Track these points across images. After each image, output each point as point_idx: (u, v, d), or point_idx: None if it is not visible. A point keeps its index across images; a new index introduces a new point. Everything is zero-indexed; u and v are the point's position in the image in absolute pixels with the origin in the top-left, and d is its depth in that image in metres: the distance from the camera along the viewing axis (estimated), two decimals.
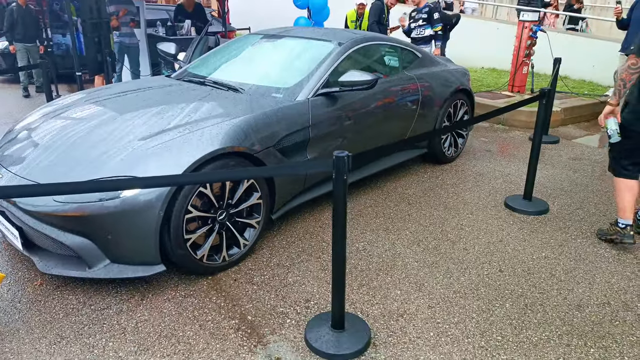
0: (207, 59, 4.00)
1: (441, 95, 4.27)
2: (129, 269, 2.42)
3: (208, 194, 2.55)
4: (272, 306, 2.45)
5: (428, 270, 2.78)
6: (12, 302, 2.42)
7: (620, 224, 3.01)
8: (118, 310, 2.38)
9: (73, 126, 2.81)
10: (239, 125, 2.72)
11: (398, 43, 4.19)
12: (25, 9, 7.30)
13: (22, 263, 2.76)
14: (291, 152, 3.02)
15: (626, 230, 2.98)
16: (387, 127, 3.81)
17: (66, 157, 2.53)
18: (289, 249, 2.99)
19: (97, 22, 5.41)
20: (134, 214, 2.32)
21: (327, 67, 3.37)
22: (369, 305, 2.47)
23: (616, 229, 3.03)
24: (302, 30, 4.11)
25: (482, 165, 4.54)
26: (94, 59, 5.44)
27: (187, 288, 2.57)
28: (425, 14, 6.46)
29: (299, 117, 3.05)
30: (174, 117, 2.78)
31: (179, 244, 2.47)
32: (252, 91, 3.22)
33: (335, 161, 1.90)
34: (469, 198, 3.80)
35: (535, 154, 3.45)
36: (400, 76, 4.00)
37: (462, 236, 3.19)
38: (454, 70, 4.60)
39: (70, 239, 2.37)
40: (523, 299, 2.53)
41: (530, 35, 6.68)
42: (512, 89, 6.98)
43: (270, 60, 3.73)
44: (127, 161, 2.42)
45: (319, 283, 2.64)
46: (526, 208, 3.54)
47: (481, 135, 5.54)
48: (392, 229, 3.27)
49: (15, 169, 2.57)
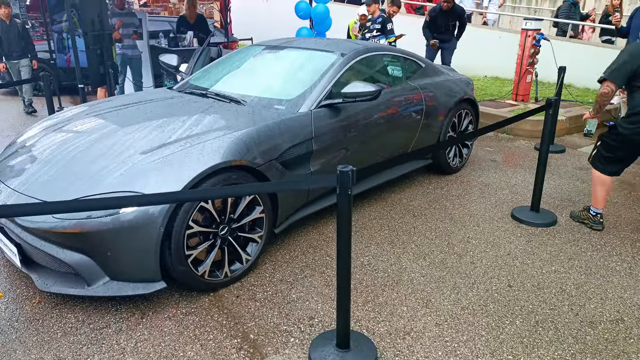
0: (209, 71, 3.98)
1: (445, 105, 4.23)
2: (129, 287, 2.37)
3: (209, 209, 2.50)
4: (275, 324, 2.38)
5: (435, 286, 2.71)
6: (9, 320, 2.36)
7: (592, 212, 3.40)
8: (117, 329, 2.32)
9: (73, 140, 2.77)
10: (241, 138, 2.68)
11: (401, 53, 4.15)
12: (10, 25, 6.78)
13: (20, 280, 2.71)
14: (294, 164, 2.97)
15: (597, 218, 3.38)
16: (391, 138, 3.76)
17: (66, 172, 2.49)
18: (292, 263, 2.93)
19: (99, 34, 5.40)
20: (133, 230, 2.27)
21: (330, 78, 3.34)
22: (375, 322, 2.40)
23: (588, 215, 3.42)
24: (304, 41, 4.08)
25: (488, 176, 4.48)
26: (96, 71, 5.43)
27: (188, 305, 2.51)
28: (379, 24, 6.42)
29: (301, 129, 3.01)
30: (175, 130, 2.74)
31: (180, 260, 2.41)
32: (254, 103, 3.18)
33: (339, 176, 1.85)
34: (475, 210, 3.73)
35: (543, 164, 3.39)
36: (403, 86, 3.96)
37: (468, 249, 3.12)
38: (458, 80, 4.56)
39: (68, 256, 2.32)
40: (534, 316, 2.45)
41: (534, 44, 6.65)
42: (516, 97, 6.93)
43: (272, 71, 3.69)
44: (127, 176, 2.37)
45: (323, 299, 2.58)
46: (534, 220, 3.47)
47: (486, 145, 5.48)
48: (397, 243, 3.20)
49: (15, 184, 2.53)
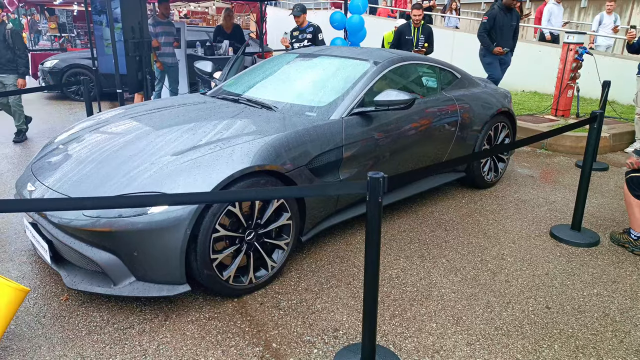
0: (242, 77, 4.00)
1: (481, 118, 4.10)
2: (154, 288, 2.35)
3: (237, 213, 2.47)
4: (299, 334, 2.32)
5: (466, 303, 2.58)
6: (37, 316, 2.39)
7: (632, 235, 3.22)
8: (141, 330, 2.31)
9: (107, 141, 2.82)
10: (271, 143, 2.65)
11: (436, 63, 4.07)
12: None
13: (50, 277, 2.75)
14: (323, 172, 2.92)
15: (638, 242, 3.19)
16: (424, 149, 3.66)
17: (98, 171, 2.52)
18: (318, 273, 2.86)
19: (139, 41, 5.56)
20: (160, 232, 2.26)
21: (363, 86, 3.29)
22: (402, 338, 2.30)
23: (629, 238, 3.24)
24: (337, 49, 4.06)
25: (525, 192, 4.30)
26: (134, 77, 5.57)
27: (212, 310, 2.48)
28: (310, 34, 6.26)
29: (332, 136, 2.96)
30: (205, 133, 2.75)
31: (205, 264, 2.39)
32: (286, 109, 3.16)
33: (369, 182, 1.79)
34: (510, 226, 3.57)
35: (585, 181, 3.21)
36: (438, 97, 3.87)
37: (503, 267, 2.97)
38: (495, 92, 4.43)
39: (97, 255, 2.33)
40: (574, 340, 2.29)
41: (576, 58, 6.42)
42: (555, 112, 6.69)
43: (305, 78, 3.68)
44: (156, 177, 2.38)
45: (348, 311, 2.49)
46: (575, 239, 3.28)
47: (523, 160, 5.29)
48: (427, 256, 3.09)
49: (48, 182, 2.58)
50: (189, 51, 7.85)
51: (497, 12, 6.16)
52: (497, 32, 6.21)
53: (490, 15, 6.19)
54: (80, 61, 8.74)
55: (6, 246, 3.08)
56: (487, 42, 6.21)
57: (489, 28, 6.18)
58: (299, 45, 6.40)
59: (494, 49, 6.20)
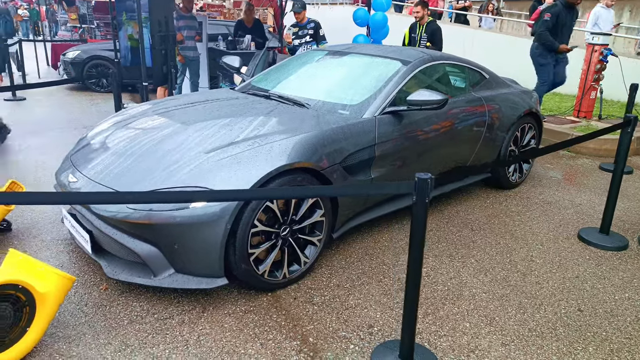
0: (271, 73, 4.03)
1: (509, 118, 4.10)
2: (193, 280, 2.41)
3: (274, 209, 2.51)
4: (334, 329, 2.36)
5: (498, 304, 2.60)
6: (79, 304, 2.45)
7: None
8: (180, 321, 2.36)
9: (145, 135, 2.86)
10: (308, 140, 2.68)
11: (465, 63, 4.06)
12: None
13: (88, 266, 2.81)
14: (356, 170, 2.95)
15: None
16: (453, 149, 3.67)
17: (138, 165, 2.57)
18: (348, 269, 2.90)
19: (164, 35, 5.61)
20: (201, 226, 2.31)
21: (395, 85, 3.30)
22: (437, 336, 2.33)
23: None
24: (367, 47, 4.07)
25: (550, 194, 4.29)
26: (159, 70, 5.63)
27: (247, 303, 2.53)
28: (312, 29, 6.24)
29: (365, 134, 2.99)
30: (242, 129, 2.79)
31: (243, 258, 2.43)
32: (318, 107, 3.19)
33: (417, 183, 1.81)
34: (537, 228, 3.58)
35: (616, 185, 3.21)
36: (467, 97, 3.87)
37: (533, 269, 2.99)
38: (522, 93, 4.42)
39: (138, 246, 2.39)
40: (608, 344, 2.31)
41: (600, 59, 6.36)
42: (578, 114, 6.64)
43: (335, 76, 3.70)
44: (196, 172, 2.42)
45: (381, 308, 2.53)
46: (603, 242, 3.28)
47: (546, 162, 5.27)
48: (456, 256, 3.11)
49: (91, 173, 2.64)
50: (210, 45, 7.89)
51: (560, 9, 5.88)
52: (558, 31, 5.94)
53: (553, 12, 5.91)
54: (101, 52, 8.82)
55: (42, 235, 3.16)
56: (551, 40, 5.93)
57: (551, 26, 5.90)
58: (299, 41, 6.39)
59: (560, 47, 5.95)
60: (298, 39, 6.35)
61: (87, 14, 11.66)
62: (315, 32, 6.33)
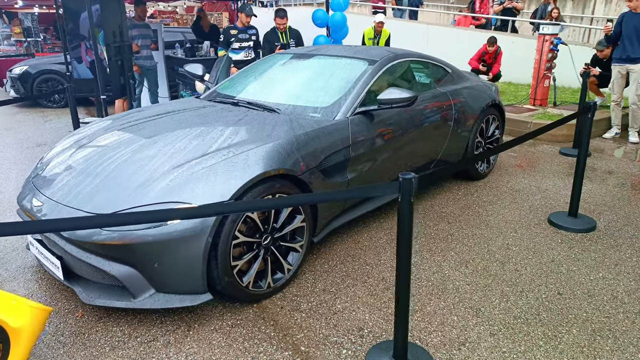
0: (236, 79, 3.96)
1: (474, 111, 4.20)
2: (176, 299, 2.32)
3: (255, 219, 2.46)
4: (325, 335, 2.33)
5: (482, 294, 2.65)
6: (55, 335, 2.32)
7: None
8: (165, 342, 2.27)
9: (112, 151, 2.74)
10: (283, 146, 2.65)
11: (428, 59, 4.13)
12: None
13: (61, 293, 2.66)
14: (332, 172, 2.93)
15: None
16: (424, 144, 3.72)
17: (110, 183, 2.45)
18: (332, 273, 2.88)
19: (119, 45, 5.42)
20: (182, 242, 2.23)
21: (364, 85, 3.31)
22: (427, 333, 2.34)
23: None
24: (332, 48, 4.07)
25: (517, 181, 4.43)
26: (117, 81, 5.43)
27: (234, 317, 2.46)
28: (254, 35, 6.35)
29: (339, 136, 2.98)
30: (215, 139, 2.71)
31: (226, 271, 2.37)
32: (289, 111, 3.16)
33: (401, 183, 1.81)
34: (509, 216, 3.68)
35: (581, 169, 3.34)
36: (433, 93, 3.93)
37: (510, 256, 3.07)
38: (484, 85, 4.54)
39: (114, 268, 2.28)
40: (589, 324, 2.39)
41: (552, 49, 6.63)
42: (534, 102, 6.90)
43: (303, 79, 3.67)
44: (172, 186, 2.34)
45: (369, 309, 2.52)
46: (573, 225, 3.41)
47: (509, 150, 5.44)
48: (435, 250, 3.15)
49: (57, 196, 2.49)
50: (167, 53, 7.69)
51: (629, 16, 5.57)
52: None
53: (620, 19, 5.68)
54: (52, 67, 8.43)
55: (7, 264, 2.97)
56: None
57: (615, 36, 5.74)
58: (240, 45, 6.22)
59: None
60: (239, 42, 6.24)
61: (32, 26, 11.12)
62: (257, 37, 6.30)
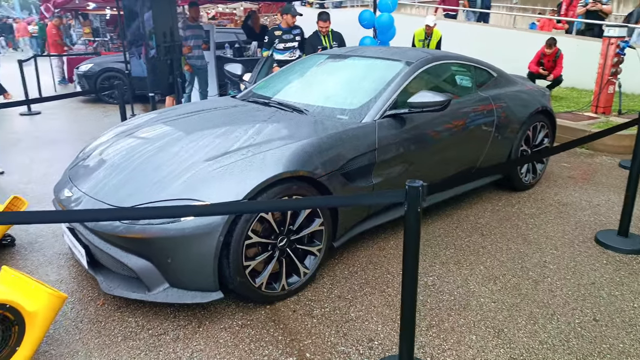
0: (272, 80, 3.98)
1: (519, 117, 3.94)
2: (187, 295, 2.35)
3: (269, 219, 2.44)
4: (333, 344, 2.26)
5: (507, 314, 2.47)
6: (74, 321, 2.42)
7: None
8: (175, 337, 2.30)
9: (141, 147, 2.83)
10: (303, 148, 2.61)
11: (471, 62, 3.93)
12: None
13: (87, 281, 2.79)
14: (356, 176, 2.85)
15: None
16: (459, 151, 3.55)
17: (131, 178, 2.53)
18: (351, 279, 2.80)
19: (170, 45, 5.62)
20: (193, 238, 2.25)
21: (396, 87, 3.20)
22: (440, 350, 2.21)
23: None
24: (369, 49, 3.98)
25: (566, 194, 4.11)
26: (165, 80, 5.64)
27: (245, 317, 2.46)
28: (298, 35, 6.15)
29: (364, 139, 2.89)
30: (237, 139, 2.73)
31: (237, 271, 2.37)
32: (317, 112, 3.11)
33: (407, 191, 1.71)
34: (551, 231, 3.42)
35: (634, 184, 3.03)
36: (473, 97, 3.74)
37: (546, 275, 2.84)
38: (533, 90, 4.25)
39: (132, 261, 2.35)
40: (625, 357, 2.15)
41: (617, 52, 6.12)
42: (596, 109, 6.40)
43: (336, 80, 3.62)
44: (189, 184, 2.37)
45: (383, 320, 2.43)
46: (622, 245, 3.11)
47: (562, 160, 5.07)
48: (464, 263, 2.98)
49: (85, 188, 2.61)
50: (218, 53, 7.91)
51: None
52: None
53: None
54: (113, 65, 8.93)
55: (45, 249, 3.15)
56: None
57: None
58: (284, 45, 6.21)
59: None
60: (283, 42, 6.22)
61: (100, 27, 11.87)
62: (302, 37, 6.26)
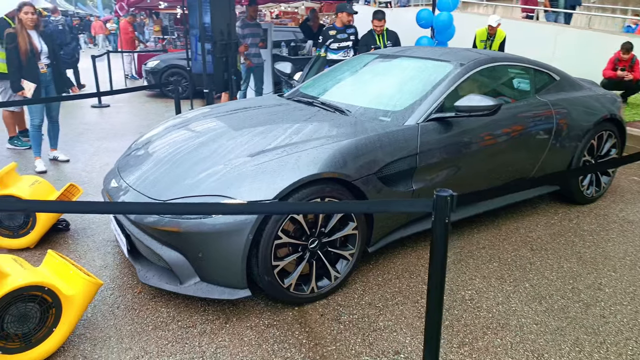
0: (319, 79, 3.95)
1: (582, 125, 3.64)
2: (216, 290, 2.38)
3: (300, 220, 2.42)
4: (357, 352, 2.20)
5: (550, 338, 2.28)
6: (111, 307, 2.53)
7: None
8: (202, 331, 2.34)
9: (184, 141, 2.91)
10: (338, 149, 2.55)
11: (530, 64, 3.68)
12: None
13: (128, 269, 2.91)
14: (394, 181, 2.76)
15: None
16: (510, 159, 3.33)
17: (170, 172, 2.60)
18: (384, 287, 2.72)
19: (226, 43, 5.77)
20: (223, 235, 2.27)
21: (444, 89, 3.06)
22: None
23: None
24: (420, 49, 3.84)
25: (632, 211, 3.75)
26: (220, 77, 5.79)
27: (271, 317, 2.45)
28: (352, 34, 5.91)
29: (405, 143, 2.79)
30: (275, 137, 2.72)
31: (266, 270, 2.36)
32: (359, 114, 3.04)
33: (435, 201, 1.61)
34: (611, 251, 3.12)
35: None
36: (530, 101, 3.49)
37: (599, 299, 2.59)
38: (601, 96, 3.91)
39: (166, 253, 2.41)
40: None
41: None
42: None
43: (382, 81, 3.52)
44: (222, 181, 2.40)
45: (412, 332, 2.32)
46: None
47: (632, 173, 4.64)
48: (508, 278, 2.80)
49: (129, 179, 2.72)
50: (275, 51, 8.02)
51: None
52: None
53: None
54: (177, 62, 9.34)
55: (94, 236, 3.33)
56: None
57: None
58: (338, 45, 6.08)
59: None
60: (337, 42, 6.12)
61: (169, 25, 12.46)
62: (356, 36, 6.15)
